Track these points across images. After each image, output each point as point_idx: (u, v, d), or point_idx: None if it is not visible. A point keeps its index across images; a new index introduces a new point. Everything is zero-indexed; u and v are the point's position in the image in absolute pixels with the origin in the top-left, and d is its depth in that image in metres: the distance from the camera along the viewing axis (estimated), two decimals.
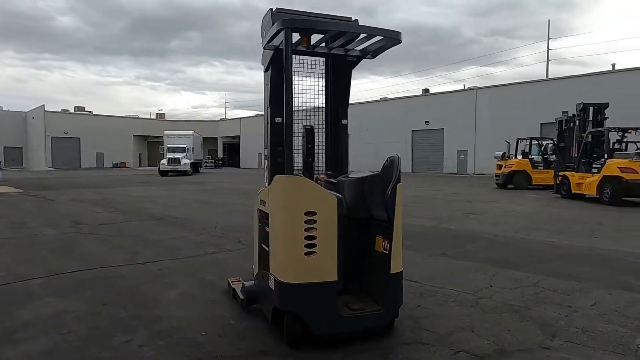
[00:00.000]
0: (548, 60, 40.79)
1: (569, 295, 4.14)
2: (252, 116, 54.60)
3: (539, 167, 17.83)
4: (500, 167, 18.53)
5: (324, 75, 3.71)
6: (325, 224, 2.85)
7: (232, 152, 56.88)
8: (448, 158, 36.07)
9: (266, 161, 3.63)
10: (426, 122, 37.01)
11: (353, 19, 3.50)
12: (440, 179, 27.47)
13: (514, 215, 10.12)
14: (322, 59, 3.66)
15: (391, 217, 3.05)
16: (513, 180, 17.77)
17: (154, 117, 60.48)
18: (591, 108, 14.21)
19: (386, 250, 3.11)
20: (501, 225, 8.53)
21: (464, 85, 38.81)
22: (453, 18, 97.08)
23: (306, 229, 2.82)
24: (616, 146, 12.74)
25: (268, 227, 3.13)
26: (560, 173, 14.17)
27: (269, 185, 3.54)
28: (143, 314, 3.64)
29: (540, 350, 2.99)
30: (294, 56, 3.41)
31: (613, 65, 30.16)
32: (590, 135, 13.43)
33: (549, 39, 56.29)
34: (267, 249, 3.18)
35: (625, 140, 12.84)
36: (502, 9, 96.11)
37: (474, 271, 4.99)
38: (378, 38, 3.15)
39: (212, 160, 52.66)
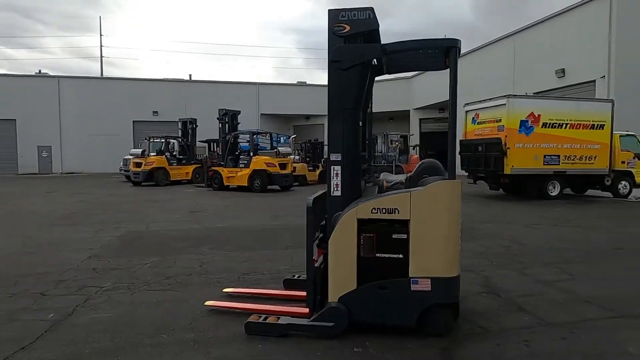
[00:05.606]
0: (102, 57, 41.60)
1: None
2: None
3: (174, 164, 19.38)
4: (138, 164, 18.66)
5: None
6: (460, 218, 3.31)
7: None
8: (24, 156, 30.69)
9: (338, 167, 3.39)
10: None
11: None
12: (29, 180, 23.66)
13: (216, 207, 11.14)
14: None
15: None
16: (154, 177, 18.50)
17: None
18: (230, 114, 17.02)
19: None
20: (231, 218, 9.42)
21: (39, 70, 33.71)
22: None
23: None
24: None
25: (401, 234, 3.19)
26: (213, 168, 16.31)
27: (343, 193, 3.35)
28: None
29: None
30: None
31: (190, 75, 35.38)
32: (233, 137, 16.31)
33: (101, 35, 53.81)
34: (398, 256, 3.21)
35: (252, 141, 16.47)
36: None
37: (272, 260, 5.71)
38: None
39: None
